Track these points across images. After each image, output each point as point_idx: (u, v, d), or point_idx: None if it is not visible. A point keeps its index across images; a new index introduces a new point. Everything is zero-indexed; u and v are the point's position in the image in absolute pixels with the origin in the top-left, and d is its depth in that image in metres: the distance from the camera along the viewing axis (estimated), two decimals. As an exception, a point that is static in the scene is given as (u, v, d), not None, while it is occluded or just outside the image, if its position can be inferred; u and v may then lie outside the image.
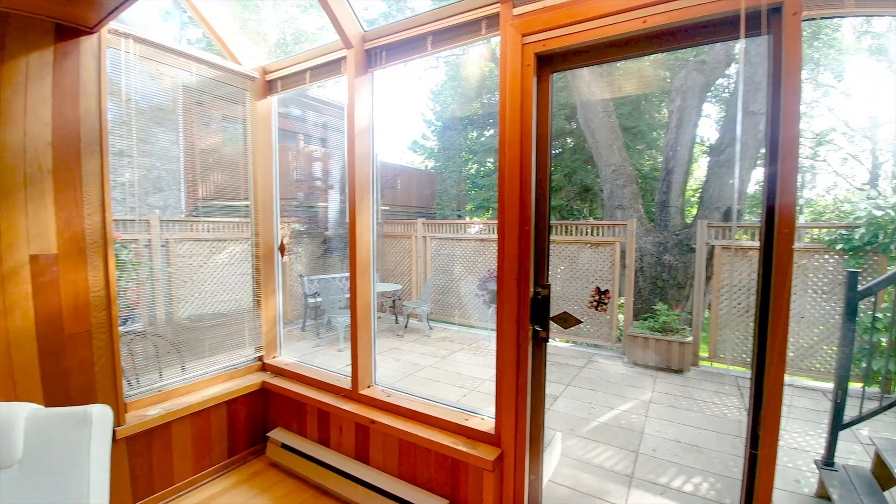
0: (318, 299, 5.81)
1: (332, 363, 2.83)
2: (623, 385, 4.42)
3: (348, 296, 6.00)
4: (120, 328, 2.07)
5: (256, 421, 2.69)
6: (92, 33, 1.93)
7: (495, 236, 6.75)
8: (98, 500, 1.17)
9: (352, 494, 2.19)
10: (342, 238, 7.54)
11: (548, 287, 1.74)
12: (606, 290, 2.00)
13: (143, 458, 2.13)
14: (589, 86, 7.55)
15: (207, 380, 2.53)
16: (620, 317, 5.70)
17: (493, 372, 1.88)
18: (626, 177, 7.70)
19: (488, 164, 13.91)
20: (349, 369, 2.51)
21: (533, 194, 1.73)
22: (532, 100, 1.69)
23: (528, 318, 1.77)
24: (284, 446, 2.50)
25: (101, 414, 1.27)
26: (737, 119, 7.24)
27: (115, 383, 2.01)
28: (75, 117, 1.88)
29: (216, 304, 2.99)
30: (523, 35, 1.70)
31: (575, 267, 5.84)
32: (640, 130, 10.88)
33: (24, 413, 1.21)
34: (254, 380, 2.65)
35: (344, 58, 2.33)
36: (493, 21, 1.87)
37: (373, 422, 2.15)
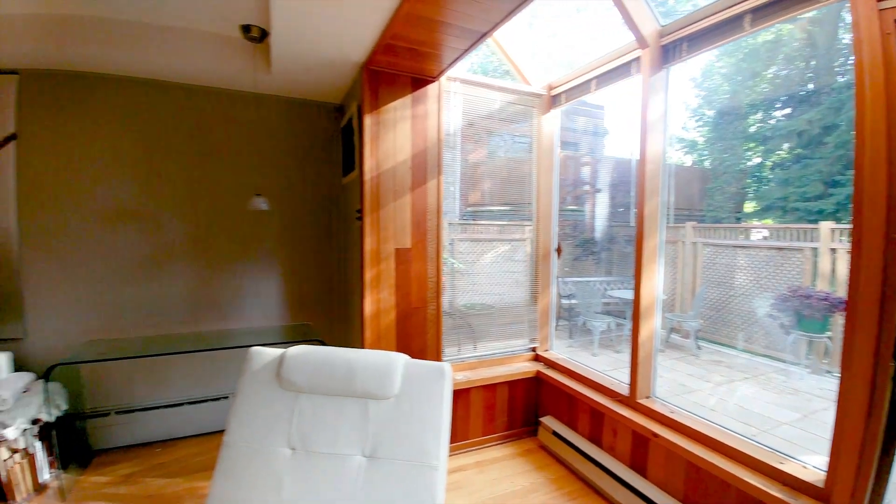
0: (572, 301, 5.91)
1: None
2: None
3: (604, 300, 5.89)
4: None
5: (529, 404, 2.98)
6: (434, 81, 2.56)
7: (798, 244, 5.31)
8: (446, 431, 1.59)
9: (625, 500, 2.15)
10: (600, 242, 7.43)
11: (944, 317, 1.27)
12: None
13: (451, 412, 2.68)
14: None
15: (493, 360, 2.96)
16: None
17: (794, 415, 1.53)
18: None
19: (780, 153, 10.97)
20: (611, 374, 2.51)
21: (921, 191, 1.29)
22: (929, 63, 1.26)
23: (891, 354, 1.35)
24: (555, 434, 2.68)
25: (448, 370, 1.70)
26: None
27: (437, 348, 2.62)
28: (424, 147, 2.54)
29: (487, 296, 3.47)
30: (915, -21, 1.28)
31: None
32: None
33: (402, 361, 1.70)
34: (529, 367, 2.95)
35: (635, 59, 2.30)
36: (853, -26, 1.49)
37: (655, 435, 2.05)
